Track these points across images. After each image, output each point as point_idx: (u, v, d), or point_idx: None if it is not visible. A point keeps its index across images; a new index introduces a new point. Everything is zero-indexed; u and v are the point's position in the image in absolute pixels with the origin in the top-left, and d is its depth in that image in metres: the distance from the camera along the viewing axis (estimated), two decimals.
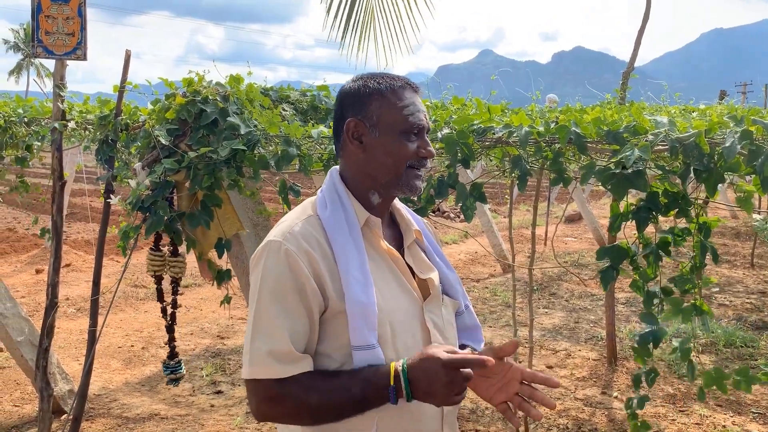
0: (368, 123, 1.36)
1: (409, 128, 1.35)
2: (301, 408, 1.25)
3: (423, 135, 1.38)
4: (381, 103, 1.35)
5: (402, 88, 1.37)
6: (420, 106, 1.38)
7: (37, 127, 3.60)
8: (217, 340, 5.66)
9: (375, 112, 1.35)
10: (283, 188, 2.65)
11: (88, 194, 11.55)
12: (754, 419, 4.07)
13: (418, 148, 1.36)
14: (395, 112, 1.35)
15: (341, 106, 1.40)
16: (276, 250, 1.28)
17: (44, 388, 3.24)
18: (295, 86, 3.40)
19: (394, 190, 1.39)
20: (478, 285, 8.07)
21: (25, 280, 7.84)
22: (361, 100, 1.37)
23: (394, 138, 1.35)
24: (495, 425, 3.98)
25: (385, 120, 1.35)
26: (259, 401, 1.27)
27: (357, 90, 1.38)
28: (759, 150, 1.79)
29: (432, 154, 1.38)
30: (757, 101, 11.64)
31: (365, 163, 1.37)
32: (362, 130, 1.36)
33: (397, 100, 1.35)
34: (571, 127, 2.16)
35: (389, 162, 1.35)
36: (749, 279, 8.17)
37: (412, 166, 1.36)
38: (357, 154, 1.37)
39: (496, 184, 16.54)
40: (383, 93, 1.36)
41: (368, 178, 1.38)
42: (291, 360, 1.25)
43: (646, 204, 2.04)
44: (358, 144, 1.37)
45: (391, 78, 1.39)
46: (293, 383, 1.25)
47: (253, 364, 1.26)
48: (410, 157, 1.36)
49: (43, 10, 2.98)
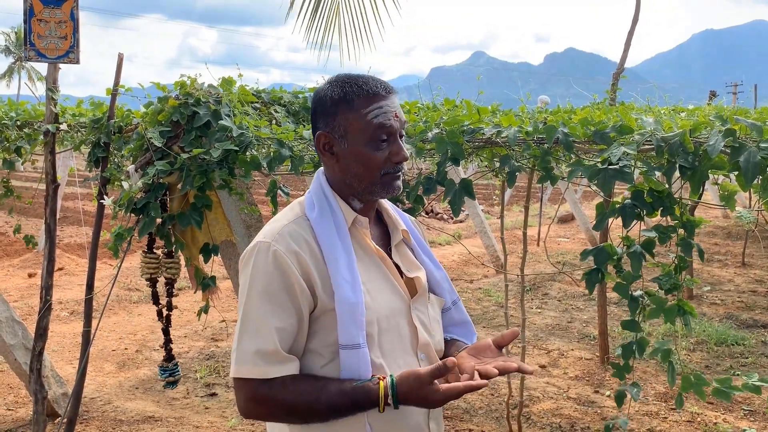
0: (336, 134, 1.34)
1: (376, 136, 1.32)
2: (285, 410, 1.28)
3: (395, 138, 1.34)
4: (346, 113, 1.32)
5: (369, 92, 1.32)
6: (389, 108, 1.33)
7: (29, 130, 3.61)
8: (211, 342, 5.67)
9: (342, 124, 1.33)
10: (272, 189, 2.67)
11: (80, 198, 11.52)
12: (745, 416, 4.11)
13: (390, 155, 1.34)
14: (361, 121, 1.31)
15: (313, 114, 1.40)
16: (265, 251, 1.30)
17: (38, 392, 3.24)
18: (288, 89, 3.42)
19: (373, 195, 1.38)
20: (471, 286, 8.10)
21: (17, 284, 7.82)
22: (328, 111, 1.34)
23: (363, 148, 1.32)
24: (489, 425, 4.00)
25: (352, 130, 1.32)
26: (245, 400, 1.29)
27: (325, 99, 1.35)
28: (742, 147, 1.83)
29: (405, 158, 1.35)
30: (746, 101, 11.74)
31: (340, 173, 1.37)
32: (331, 141, 1.35)
33: (362, 108, 1.31)
34: (559, 127, 2.19)
35: (362, 171, 1.34)
36: (740, 278, 8.24)
37: (387, 173, 1.35)
38: (331, 164, 1.38)
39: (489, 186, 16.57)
40: (349, 101, 1.32)
41: (345, 186, 1.38)
42: (277, 360, 1.27)
43: (631, 201, 2.07)
44: (330, 155, 1.36)
45: (360, 83, 1.34)
46: (278, 385, 1.27)
47: (240, 362, 1.28)
48: (382, 165, 1.33)
49: (35, 14, 2.98)
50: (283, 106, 3.21)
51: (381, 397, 1.24)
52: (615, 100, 4.20)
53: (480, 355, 1.38)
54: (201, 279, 3.05)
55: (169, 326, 3.09)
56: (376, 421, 1.31)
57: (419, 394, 1.22)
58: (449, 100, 3.17)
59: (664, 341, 2.20)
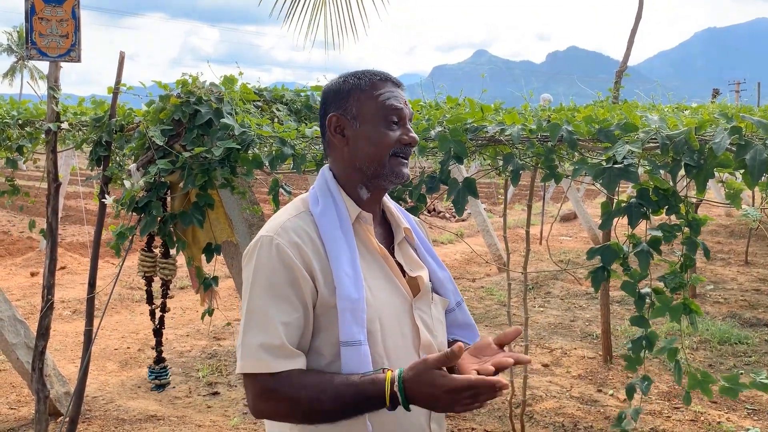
0: (348, 116, 1.38)
1: (388, 114, 1.37)
2: (293, 405, 1.25)
3: (405, 123, 1.40)
4: (360, 95, 1.38)
5: (380, 80, 1.40)
6: (399, 94, 1.40)
7: (31, 129, 3.60)
8: (213, 341, 5.67)
9: (354, 105, 1.38)
10: (274, 188, 2.65)
11: (83, 197, 11.52)
12: (749, 415, 4.10)
13: (400, 135, 1.38)
14: (373, 102, 1.37)
15: (323, 104, 1.44)
16: (268, 245, 1.29)
17: (40, 390, 3.24)
18: (290, 87, 3.40)
19: (380, 180, 1.39)
20: (473, 284, 8.09)
21: (20, 283, 7.82)
22: (340, 96, 1.40)
23: (375, 127, 1.37)
24: (491, 423, 3.99)
25: (365, 110, 1.38)
26: (253, 396, 1.27)
27: (337, 87, 1.42)
28: (748, 145, 1.81)
29: (415, 140, 1.40)
30: (750, 99, 11.71)
31: (350, 156, 1.39)
32: (343, 123, 1.39)
33: (374, 91, 1.38)
34: (563, 125, 2.18)
35: (372, 151, 1.37)
36: (743, 277, 8.21)
37: (395, 154, 1.38)
38: (341, 147, 1.40)
39: (491, 184, 16.56)
40: (361, 86, 1.39)
41: (355, 170, 1.39)
42: (283, 355, 1.25)
43: (637, 200, 2.05)
44: (341, 137, 1.39)
45: (371, 73, 1.41)
46: (284, 380, 1.25)
47: (246, 358, 1.26)
48: (393, 144, 1.37)
49: (36, 12, 2.98)
50: (285, 104, 3.20)
51: (387, 384, 1.19)
52: (618, 98, 4.18)
53: (480, 354, 1.35)
54: (203, 279, 3.04)
55: (161, 328, 3.06)
56: (378, 422, 1.30)
57: (426, 379, 1.17)
58: (452, 98, 3.15)
59: (671, 339, 2.19)
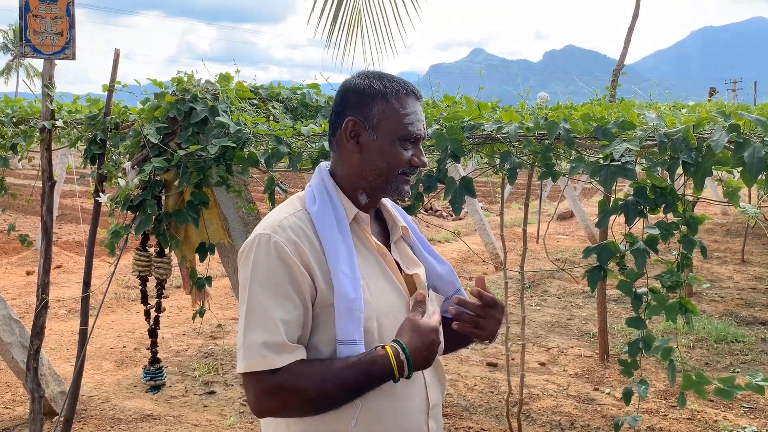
0: (368, 124, 1.36)
1: (407, 136, 1.36)
2: (297, 397, 1.25)
3: (418, 144, 1.40)
4: (384, 107, 1.35)
5: (406, 95, 1.37)
6: (420, 115, 1.39)
7: (25, 127, 3.58)
8: (210, 340, 5.65)
9: (376, 115, 1.36)
10: (269, 186, 2.64)
11: (78, 195, 11.48)
12: (745, 414, 4.10)
13: (412, 157, 1.37)
14: (396, 119, 1.35)
15: (343, 101, 1.39)
16: (265, 243, 1.29)
17: (35, 390, 3.22)
18: (286, 85, 3.39)
19: (382, 192, 1.40)
20: (470, 283, 8.09)
21: (15, 282, 7.79)
22: (364, 101, 1.37)
23: (392, 143, 1.36)
24: (488, 422, 3.98)
25: (386, 124, 1.35)
26: (256, 395, 1.26)
27: (362, 89, 1.38)
28: (746, 142, 1.81)
29: (425, 165, 1.40)
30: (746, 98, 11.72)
31: (360, 164, 1.37)
32: (360, 130, 1.36)
33: (400, 107, 1.36)
34: (560, 123, 2.17)
35: (383, 166, 1.36)
36: (739, 275, 8.23)
37: (403, 173, 1.38)
38: (352, 153, 1.37)
39: (488, 183, 16.55)
40: (387, 97, 1.36)
41: (359, 178, 1.38)
42: (285, 350, 1.24)
43: (634, 198, 2.05)
44: (355, 144, 1.37)
45: (398, 83, 1.38)
46: (287, 373, 1.24)
47: (248, 357, 1.25)
48: (404, 164, 1.37)
49: (31, 10, 2.96)
50: (281, 102, 3.18)
51: (392, 358, 1.25)
52: (615, 96, 4.18)
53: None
54: (195, 280, 3.02)
55: (157, 328, 3.04)
56: (377, 422, 1.29)
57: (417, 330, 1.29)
58: (449, 96, 3.14)
59: (665, 339, 2.18)
